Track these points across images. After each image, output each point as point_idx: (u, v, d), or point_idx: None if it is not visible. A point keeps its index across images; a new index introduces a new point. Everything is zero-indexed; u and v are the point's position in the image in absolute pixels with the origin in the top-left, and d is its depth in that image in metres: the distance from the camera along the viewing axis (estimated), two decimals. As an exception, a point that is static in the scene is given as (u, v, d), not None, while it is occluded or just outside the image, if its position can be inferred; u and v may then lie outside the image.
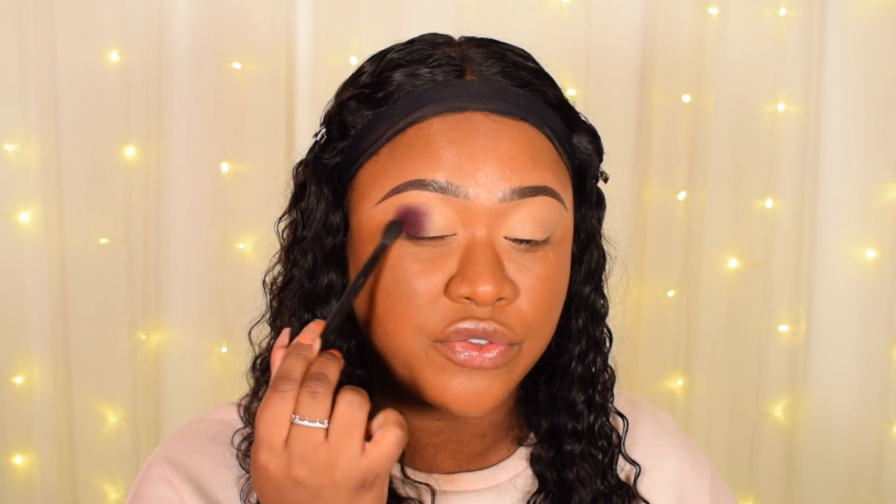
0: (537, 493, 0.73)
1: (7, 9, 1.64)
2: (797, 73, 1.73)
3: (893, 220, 1.73)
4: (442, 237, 0.62)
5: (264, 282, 0.73)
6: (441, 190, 0.61)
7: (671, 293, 1.80)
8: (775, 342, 1.79)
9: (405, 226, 0.62)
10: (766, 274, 1.77)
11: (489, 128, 0.62)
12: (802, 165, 1.74)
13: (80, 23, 1.68)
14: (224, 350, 1.76)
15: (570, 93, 1.75)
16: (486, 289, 0.60)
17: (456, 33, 0.72)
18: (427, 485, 0.72)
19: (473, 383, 0.63)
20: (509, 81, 0.64)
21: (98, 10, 1.68)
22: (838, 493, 1.79)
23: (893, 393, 1.75)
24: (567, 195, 0.66)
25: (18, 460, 1.73)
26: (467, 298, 0.61)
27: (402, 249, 0.62)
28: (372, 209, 0.64)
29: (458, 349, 0.62)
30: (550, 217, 0.63)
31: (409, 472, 0.73)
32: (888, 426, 1.76)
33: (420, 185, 0.61)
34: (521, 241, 0.63)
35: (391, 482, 0.71)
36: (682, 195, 1.78)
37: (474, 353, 0.62)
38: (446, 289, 0.62)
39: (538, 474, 0.74)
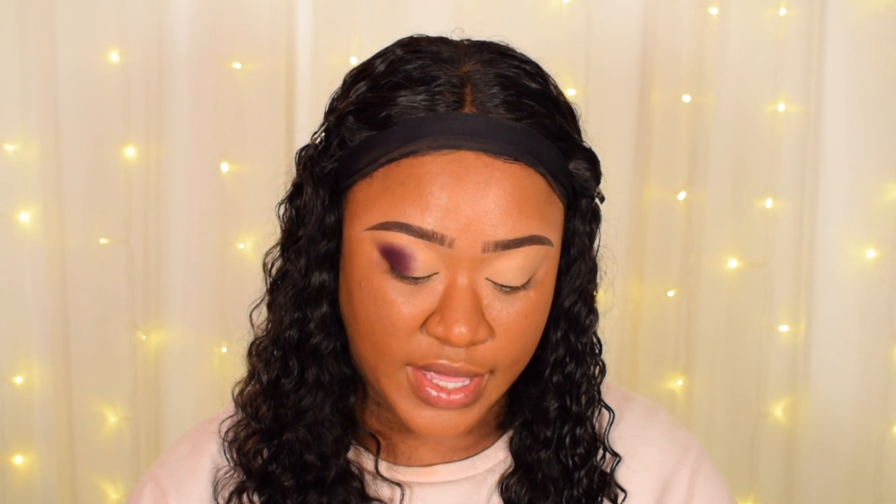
0: (511, 474, 0.74)
1: (7, 9, 1.64)
2: (797, 73, 1.72)
3: (893, 220, 1.73)
4: (425, 276, 0.63)
5: (264, 264, 0.74)
6: (426, 237, 0.62)
7: (671, 293, 1.80)
8: (775, 342, 1.78)
9: (390, 262, 0.63)
10: (766, 274, 1.77)
11: (480, 173, 0.62)
12: (802, 165, 1.74)
13: (80, 23, 1.68)
14: (224, 350, 1.76)
15: (570, 93, 1.76)
16: (461, 331, 0.62)
17: (456, 34, 0.72)
18: (398, 484, 0.73)
19: (442, 418, 0.66)
20: (509, 115, 0.64)
21: (98, 10, 1.68)
22: (838, 493, 1.79)
23: (893, 393, 1.75)
24: (555, 229, 0.66)
25: (18, 460, 1.73)
26: (443, 338, 0.63)
27: (385, 279, 0.64)
28: (361, 232, 0.65)
29: (427, 387, 0.65)
30: (534, 262, 0.64)
31: (384, 467, 0.73)
32: (888, 426, 1.76)
33: (406, 228, 0.62)
34: (502, 286, 0.64)
35: (362, 479, 0.72)
36: (682, 195, 1.78)
37: (442, 395, 0.65)
38: (424, 324, 0.64)
39: (514, 455, 0.75)
